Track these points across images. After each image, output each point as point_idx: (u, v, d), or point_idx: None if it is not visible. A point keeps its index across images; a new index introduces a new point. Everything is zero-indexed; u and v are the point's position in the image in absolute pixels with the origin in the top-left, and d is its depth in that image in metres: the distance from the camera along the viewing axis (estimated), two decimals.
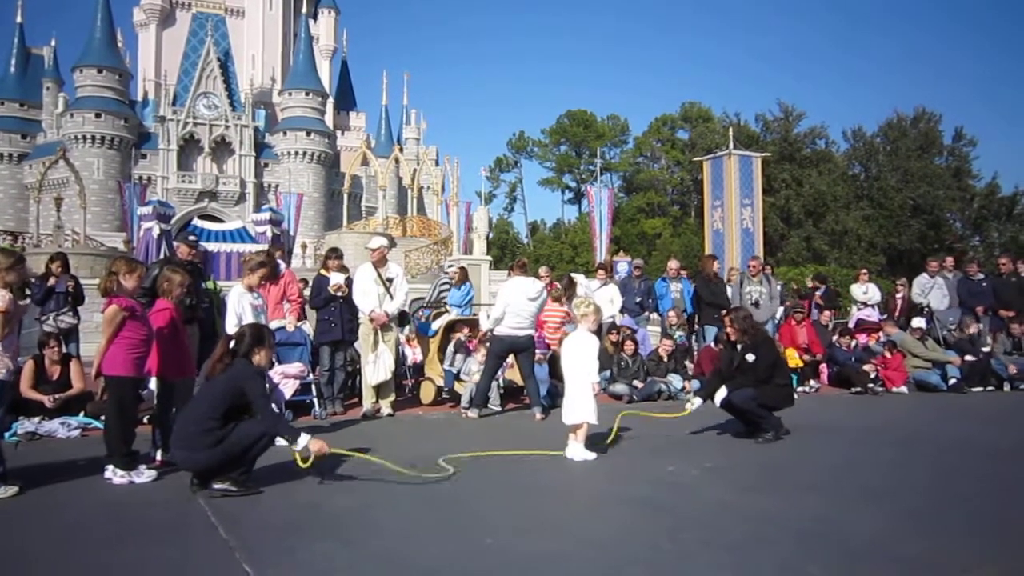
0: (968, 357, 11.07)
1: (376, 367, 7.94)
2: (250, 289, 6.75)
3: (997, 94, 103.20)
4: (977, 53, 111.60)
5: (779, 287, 12.67)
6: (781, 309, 12.32)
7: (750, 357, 6.74)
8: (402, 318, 9.11)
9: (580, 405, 5.80)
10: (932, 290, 12.48)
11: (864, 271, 14.78)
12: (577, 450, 5.73)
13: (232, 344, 5.06)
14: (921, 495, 4.78)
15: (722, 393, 6.72)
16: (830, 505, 4.39)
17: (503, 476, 5.24)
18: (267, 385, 6.65)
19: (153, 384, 5.91)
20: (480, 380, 8.24)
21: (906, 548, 3.57)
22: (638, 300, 11.61)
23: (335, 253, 8.85)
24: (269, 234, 24.38)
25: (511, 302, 8.04)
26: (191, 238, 8.46)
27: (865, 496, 4.69)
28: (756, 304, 10.98)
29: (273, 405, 6.22)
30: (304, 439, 4.69)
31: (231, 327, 6.11)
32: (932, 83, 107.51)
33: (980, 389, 10.74)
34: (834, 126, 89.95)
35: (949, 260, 13.34)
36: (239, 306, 6.56)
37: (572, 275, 11.44)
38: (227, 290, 8.81)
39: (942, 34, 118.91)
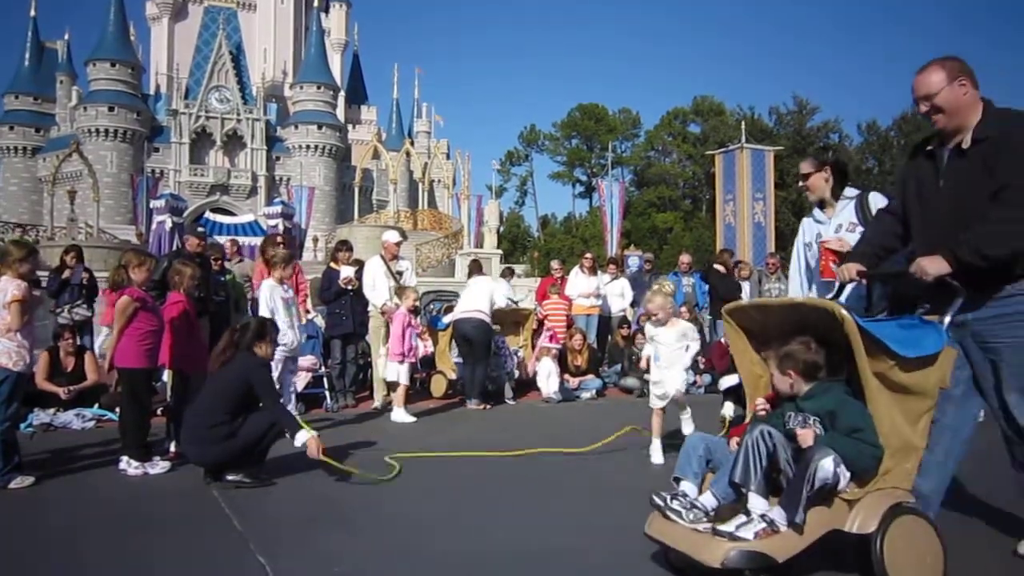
0: None
1: (387, 360, 7.96)
2: (280, 282, 6.80)
3: (1013, 85, 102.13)
4: (992, 44, 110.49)
5: None
6: None
7: None
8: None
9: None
10: None
11: None
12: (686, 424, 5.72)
13: (235, 336, 5.08)
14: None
15: (730, 381, 6.69)
16: None
17: (516, 470, 5.24)
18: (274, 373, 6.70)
19: (167, 376, 5.96)
20: (466, 371, 8.49)
21: None
22: None
23: (345, 246, 8.85)
24: (281, 227, 24.43)
25: (466, 290, 9.00)
26: (200, 230, 8.50)
27: None
28: None
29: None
30: (302, 437, 4.67)
31: None
32: None
33: None
34: (848, 120, 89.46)
35: None
36: (271, 300, 6.62)
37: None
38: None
39: (956, 26, 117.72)
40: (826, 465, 2.62)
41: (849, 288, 3.46)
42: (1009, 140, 2.85)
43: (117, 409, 6.03)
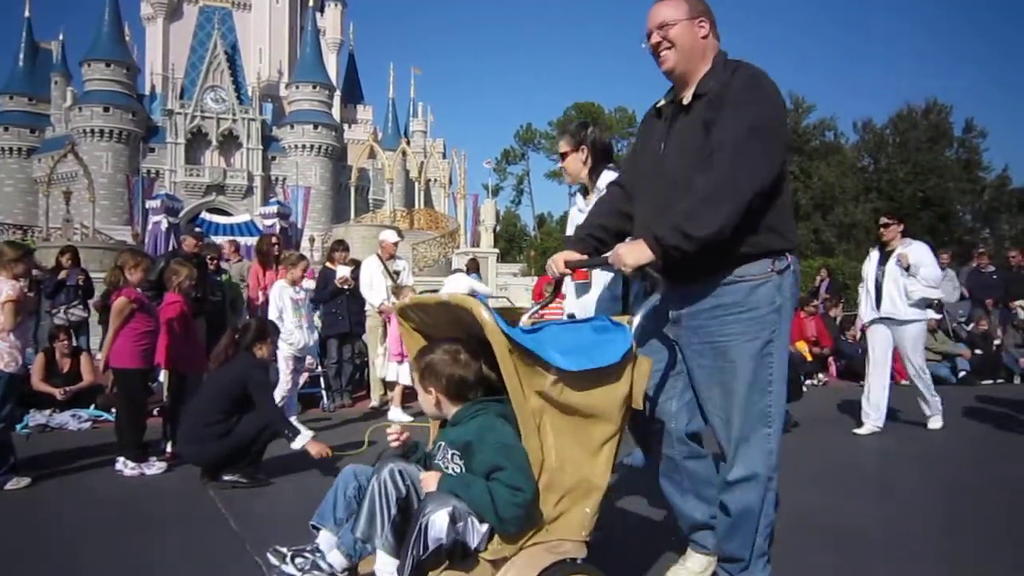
0: (978, 351, 11.03)
1: (385, 360, 7.96)
2: (292, 283, 6.82)
3: (1008, 83, 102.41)
4: (988, 41, 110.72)
5: None
6: None
7: None
8: None
9: None
10: (943, 282, 12.41)
11: None
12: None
13: (236, 336, 5.09)
14: (932, 488, 4.76)
15: None
16: (838, 497, 4.38)
17: None
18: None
19: (163, 376, 5.95)
20: None
21: (919, 540, 3.56)
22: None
23: (341, 245, 8.87)
24: (277, 227, 24.42)
25: (441, 289, 8.87)
26: (197, 230, 8.51)
27: (874, 488, 4.69)
28: None
29: (277, 392, 6.29)
30: (303, 439, 4.66)
31: (273, 319, 6.26)
32: (942, 73, 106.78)
33: (990, 382, 10.70)
34: (843, 118, 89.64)
35: (945, 257, 13.01)
36: (280, 300, 6.65)
37: None
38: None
39: (952, 23, 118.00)
40: (437, 521, 2.03)
41: (600, 284, 2.99)
42: (727, 94, 2.34)
43: (113, 410, 6.03)
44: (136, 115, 59.49)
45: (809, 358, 10.74)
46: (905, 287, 6.36)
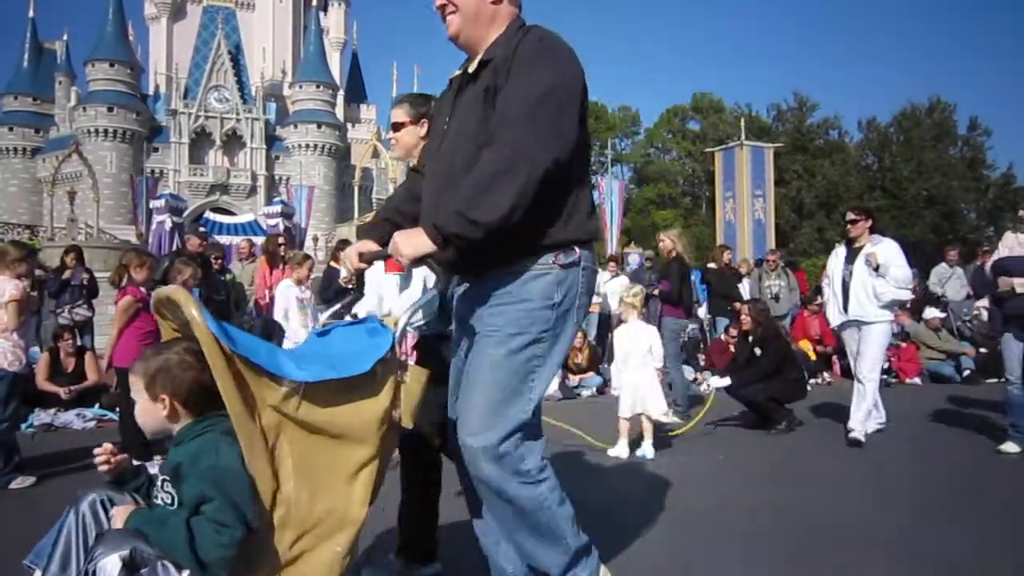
0: (983, 349, 10.98)
1: None
2: (298, 283, 6.85)
3: (1012, 81, 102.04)
4: (991, 39, 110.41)
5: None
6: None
7: (757, 351, 6.86)
8: None
9: (651, 396, 5.55)
10: (949, 280, 12.38)
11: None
12: (649, 448, 5.52)
13: None
14: (934, 488, 4.75)
15: (722, 382, 6.75)
16: (841, 497, 4.38)
17: None
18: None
19: None
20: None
21: (920, 541, 3.55)
22: None
23: (345, 245, 8.87)
24: (281, 227, 24.43)
25: None
26: (201, 230, 8.54)
27: (877, 488, 4.67)
28: (776, 298, 10.97)
29: None
30: None
31: (279, 319, 6.28)
32: (946, 71, 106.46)
33: (995, 380, 10.65)
34: (848, 116, 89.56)
35: (952, 254, 12.98)
36: (286, 299, 6.70)
37: None
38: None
39: (955, 21, 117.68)
40: (107, 567, 1.68)
41: (420, 276, 2.70)
42: (514, 59, 2.06)
43: (117, 409, 6.04)
44: (140, 115, 59.60)
45: (813, 357, 10.71)
46: (874, 288, 5.83)
